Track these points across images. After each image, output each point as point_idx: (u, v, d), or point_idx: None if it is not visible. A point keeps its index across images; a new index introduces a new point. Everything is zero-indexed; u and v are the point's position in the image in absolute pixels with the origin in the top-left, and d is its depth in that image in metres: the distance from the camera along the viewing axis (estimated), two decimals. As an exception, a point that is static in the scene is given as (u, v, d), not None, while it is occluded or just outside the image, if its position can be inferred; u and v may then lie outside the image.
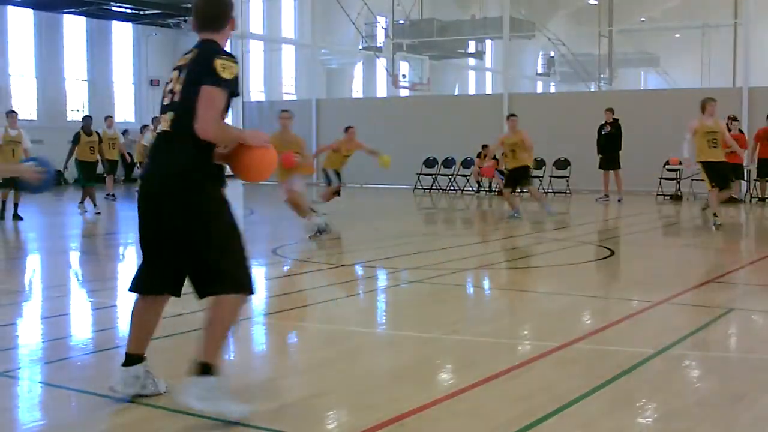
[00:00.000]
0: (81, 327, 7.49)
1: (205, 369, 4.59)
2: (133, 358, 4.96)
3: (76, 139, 18.62)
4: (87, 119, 19.21)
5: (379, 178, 27.49)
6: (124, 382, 4.92)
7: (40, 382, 5.60)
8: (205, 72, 4.57)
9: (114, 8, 29.59)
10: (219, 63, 4.58)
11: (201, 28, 4.84)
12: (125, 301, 8.74)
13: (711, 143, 14.37)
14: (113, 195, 21.11)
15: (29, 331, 7.21)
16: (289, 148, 12.93)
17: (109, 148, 21.16)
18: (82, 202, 18.00)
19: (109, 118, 22.28)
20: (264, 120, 30.84)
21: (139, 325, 5.01)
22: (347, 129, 17.16)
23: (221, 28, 4.85)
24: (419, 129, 27.26)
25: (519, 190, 17.66)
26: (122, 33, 31.90)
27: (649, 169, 22.11)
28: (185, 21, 31.94)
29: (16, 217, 15.92)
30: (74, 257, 12.49)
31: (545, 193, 22.66)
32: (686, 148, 14.74)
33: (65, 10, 28.89)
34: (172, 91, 4.73)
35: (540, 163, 23.65)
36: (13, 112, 17.28)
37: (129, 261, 12.07)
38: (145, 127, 24.79)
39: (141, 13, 30.44)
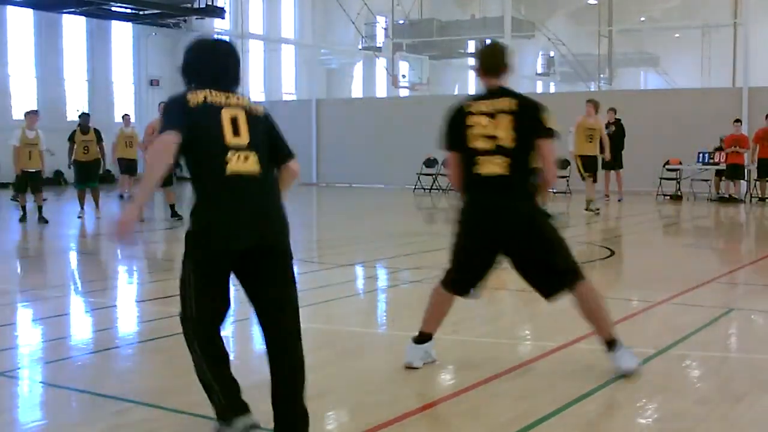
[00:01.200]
0: (81, 327, 7.49)
1: (613, 343, 5.51)
2: (425, 336, 5.82)
3: (71, 137, 17.66)
4: (84, 116, 18.03)
5: (380, 178, 27.52)
6: (416, 356, 5.73)
7: (40, 382, 5.60)
8: (539, 126, 5.37)
9: (114, 8, 29.58)
10: (546, 117, 5.39)
11: (490, 74, 5.52)
12: (125, 301, 8.75)
13: (587, 138, 16.73)
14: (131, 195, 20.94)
15: (29, 331, 7.21)
16: None
17: (125, 147, 21.02)
18: (81, 208, 16.85)
19: (126, 117, 22.18)
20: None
21: (439, 312, 5.90)
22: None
23: (506, 74, 5.55)
24: (419, 129, 27.19)
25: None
26: (122, 33, 31.88)
27: (649, 169, 22.11)
28: (185, 21, 31.97)
29: (42, 220, 15.42)
30: (74, 258, 12.48)
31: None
32: (570, 140, 16.69)
33: (65, 10, 28.87)
34: (492, 137, 5.33)
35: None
36: (34, 112, 16.34)
37: (125, 261, 12.06)
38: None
39: (141, 12, 30.45)
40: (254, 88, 37.27)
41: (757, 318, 7.81)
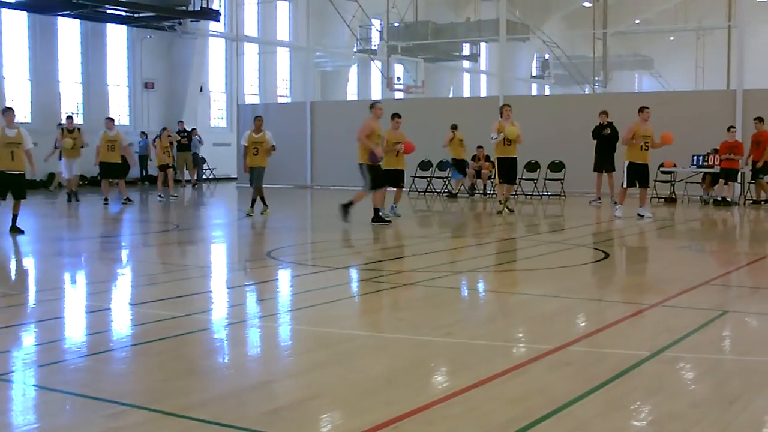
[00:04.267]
0: (75, 330, 7.47)
1: None
2: None
3: None
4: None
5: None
6: None
7: (34, 386, 5.58)
8: None
9: (108, 11, 29.57)
10: None
11: None
12: (118, 304, 8.73)
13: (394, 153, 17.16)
14: (106, 199, 20.98)
15: (23, 334, 7.19)
16: None
17: (107, 150, 20.99)
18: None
19: (109, 120, 22.00)
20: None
21: None
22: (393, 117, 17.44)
23: None
24: (414, 131, 27.17)
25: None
26: (117, 35, 31.87)
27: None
28: (179, 23, 31.96)
29: (15, 230, 14.00)
30: (67, 260, 12.45)
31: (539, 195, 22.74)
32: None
33: (59, 13, 28.86)
34: None
35: (534, 166, 23.69)
36: (9, 109, 14.71)
37: (119, 265, 12.06)
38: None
39: (135, 15, 30.42)
40: (249, 90, 37.29)
41: (751, 320, 7.82)
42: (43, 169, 25.55)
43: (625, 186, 17.49)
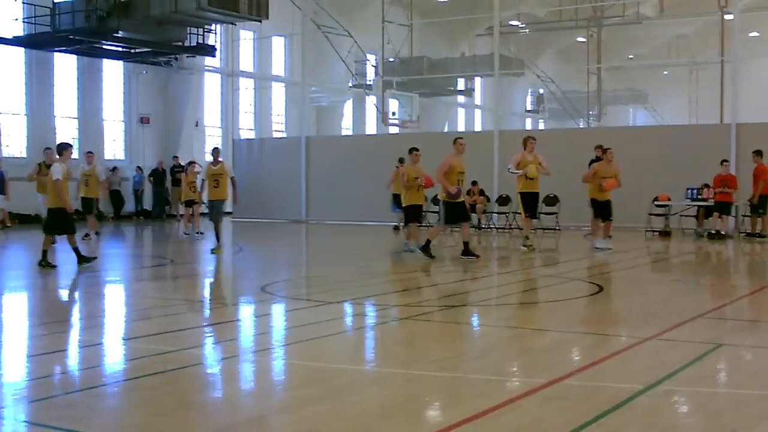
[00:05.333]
0: (67, 365, 7.44)
1: None
2: None
3: None
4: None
5: (369, 216, 27.53)
6: None
7: (24, 422, 5.55)
8: None
9: (105, 47, 29.70)
10: None
11: None
12: (111, 339, 8.70)
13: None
14: (96, 233, 20.86)
15: (14, 369, 7.15)
16: None
17: (84, 186, 20.87)
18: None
19: (88, 154, 21.75)
20: (253, 157, 30.92)
21: None
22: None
23: None
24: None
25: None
26: (113, 71, 31.99)
27: (637, 205, 22.18)
28: (176, 59, 32.10)
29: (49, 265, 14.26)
30: (60, 295, 12.42)
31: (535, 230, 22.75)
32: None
33: (56, 49, 28.98)
34: None
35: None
36: (50, 148, 14.92)
37: (113, 300, 12.03)
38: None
39: (132, 51, 30.55)
40: (244, 125, 37.41)
41: (745, 353, 7.81)
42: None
43: (595, 218, 17.77)
